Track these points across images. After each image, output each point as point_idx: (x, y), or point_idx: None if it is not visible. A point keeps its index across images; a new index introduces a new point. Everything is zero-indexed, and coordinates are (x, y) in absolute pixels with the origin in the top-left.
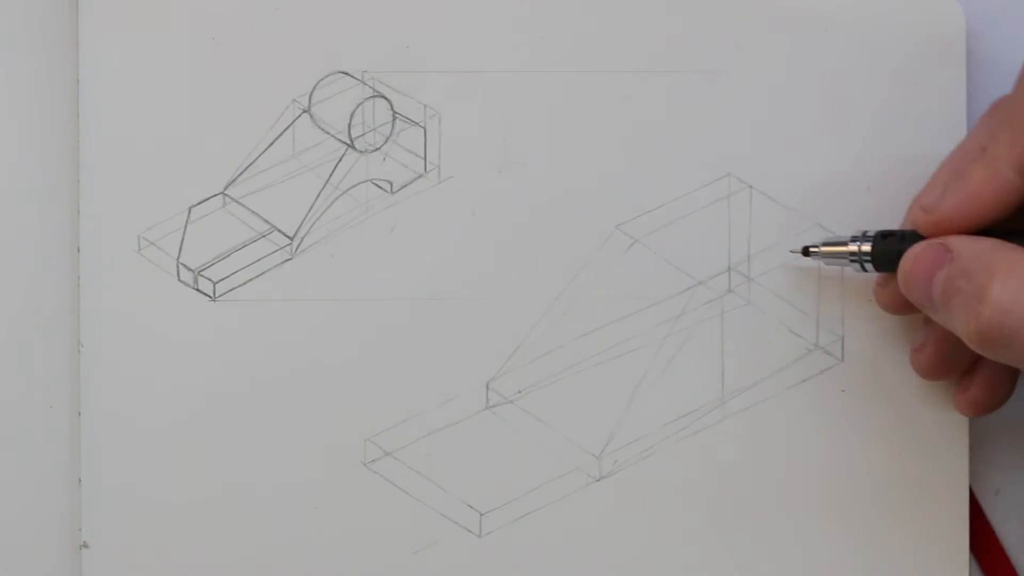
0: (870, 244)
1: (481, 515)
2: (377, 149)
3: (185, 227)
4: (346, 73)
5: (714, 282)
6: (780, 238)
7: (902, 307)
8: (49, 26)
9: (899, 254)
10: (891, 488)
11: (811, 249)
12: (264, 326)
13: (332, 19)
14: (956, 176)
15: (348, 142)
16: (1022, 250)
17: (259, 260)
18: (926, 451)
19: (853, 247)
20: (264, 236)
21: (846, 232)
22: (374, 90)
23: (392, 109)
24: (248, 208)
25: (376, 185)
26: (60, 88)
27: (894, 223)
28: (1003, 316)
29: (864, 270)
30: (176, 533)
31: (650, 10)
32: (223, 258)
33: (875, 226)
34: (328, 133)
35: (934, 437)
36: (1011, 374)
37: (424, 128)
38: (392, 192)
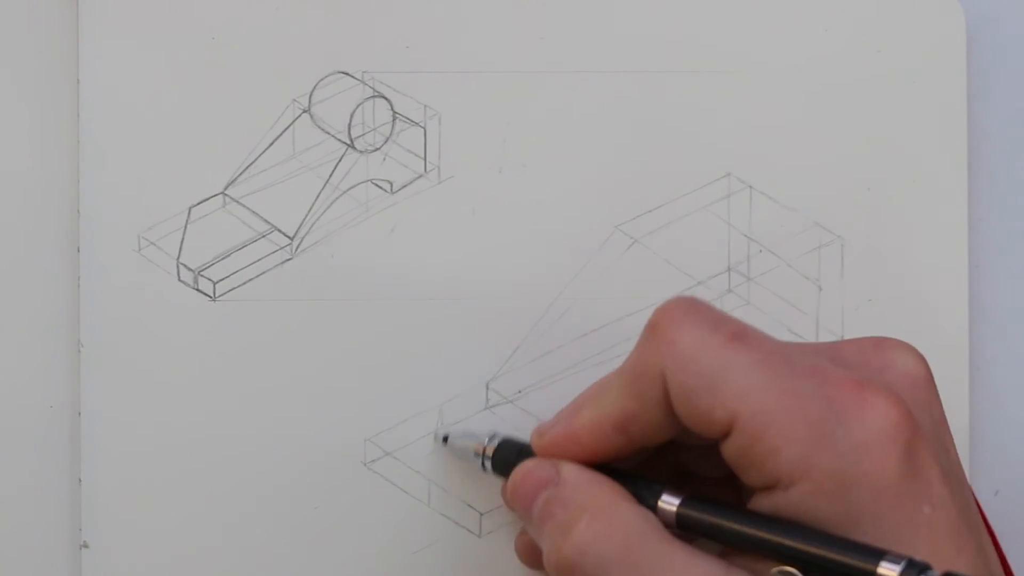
0: (494, 446)
1: (481, 515)
2: (377, 149)
3: (185, 227)
4: (346, 73)
5: (714, 282)
6: (780, 238)
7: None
8: (49, 26)
9: (512, 464)
10: None
11: (446, 438)
12: (264, 326)
13: (332, 19)
14: (574, 410)
15: (348, 142)
16: (622, 493)
17: (259, 260)
18: None
19: (478, 446)
20: (264, 236)
21: None
22: (374, 90)
23: (392, 109)
24: (248, 208)
25: (376, 185)
26: (60, 88)
27: (894, 223)
28: (579, 556)
29: (484, 469)
30: (176, 533)
31: (650, 10)
32: (223, 258)
33: (875, 225)
34: (328, 133)
35: None
36: None
37: (424, 128)
38: (392, 192)
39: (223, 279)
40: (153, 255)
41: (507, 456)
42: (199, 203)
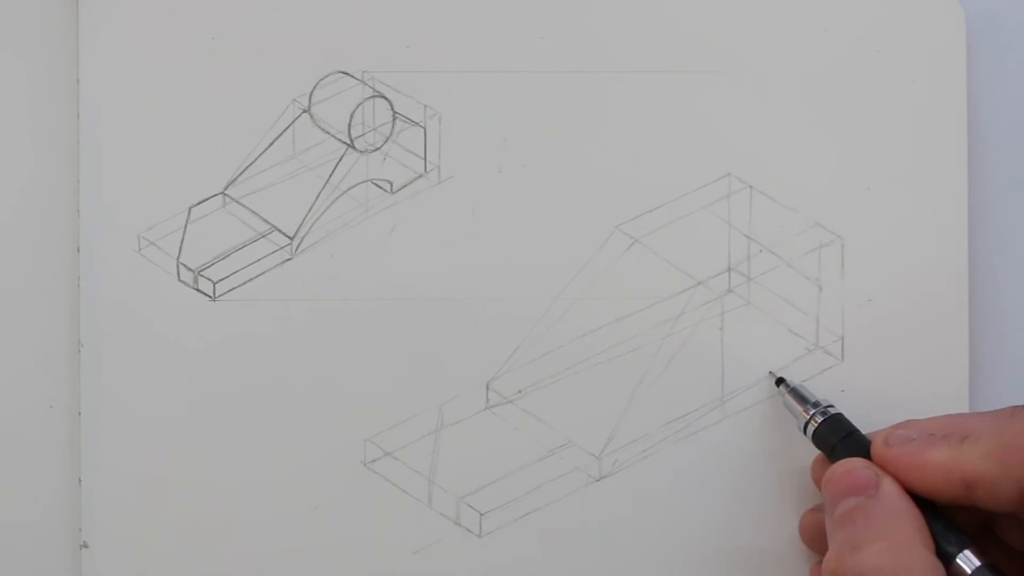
0: (821, 419)
1: (481, 515)
2: (377, 149)
3: (185, 227)
4: (346, 73)
5: (714, 282)
6: (780, 238)
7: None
8: (49, 26)
9: (835, 449)
10: None
11: (781, 385)
12: (264, 326)
13: (332, 19)
14: (930, 440)
15: (348, 142)
16: (925, 537)
17: (259, 260)
18: None
19: (807, 413)
20: (264, 236)
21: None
22: (374, 90)
23: (392, 109)
24: (248, 208)
25: (376, 185)
26: (60, 88)
27: (894, 223)
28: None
29: (804, 433)
30: (176, 533)
31: (650, 11)
32: (223, 258)
33: (875, 225)
34: (328, 133)
35: None
36: None
37: (424, 128)
38: (392, 192)
39: (223, 279)
40: (153, 255)
41: (830, 435)
42: (199, 203)
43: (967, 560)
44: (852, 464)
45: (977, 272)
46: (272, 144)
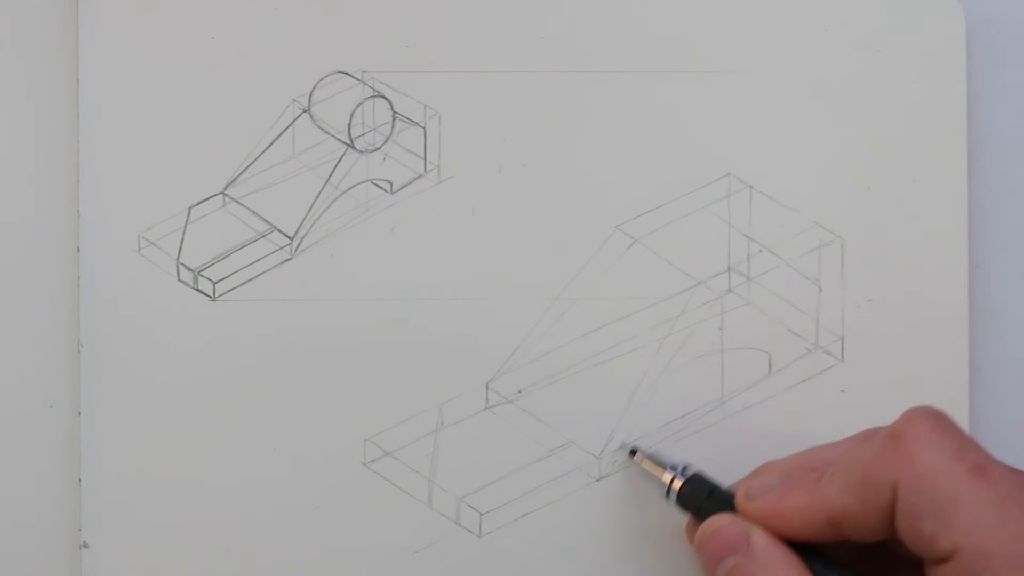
0: (681, 482)
1: (481, 515)
2: (377, 149)
3: (185, 227)
4: (346, 73)
5: (714, 282)
6: (780, 238)
7: None
8: (49, 26)
9: (701, 509)
10: None
11: (634, 452)
12: (264, 326)
13: (332, 19)
14: (788, 484)
15: (348, 142)
16: None
17: (259, 260)
18: None
19: (667, 476)
20: (264, 236)
21: None
22: (374, 90)
23: (392, 109)
24: (248, 208)
25: (376, 185)
26: (60, 88)
27: (893, 223)
28: None
29: (667, 498)
30: (176, 533)
31: (650, 10)
32: (223, 258)
33: (875, 225)
34: (328, 133)
35: None
36: None
37: (424, 128)
38: (392, 192)
39: (223, 279)
40: (153, 255)
41: (693, 496)
42: (199, 203)
43: None
44: (719, 522)
45: (977, 272)
46: (272, 144)
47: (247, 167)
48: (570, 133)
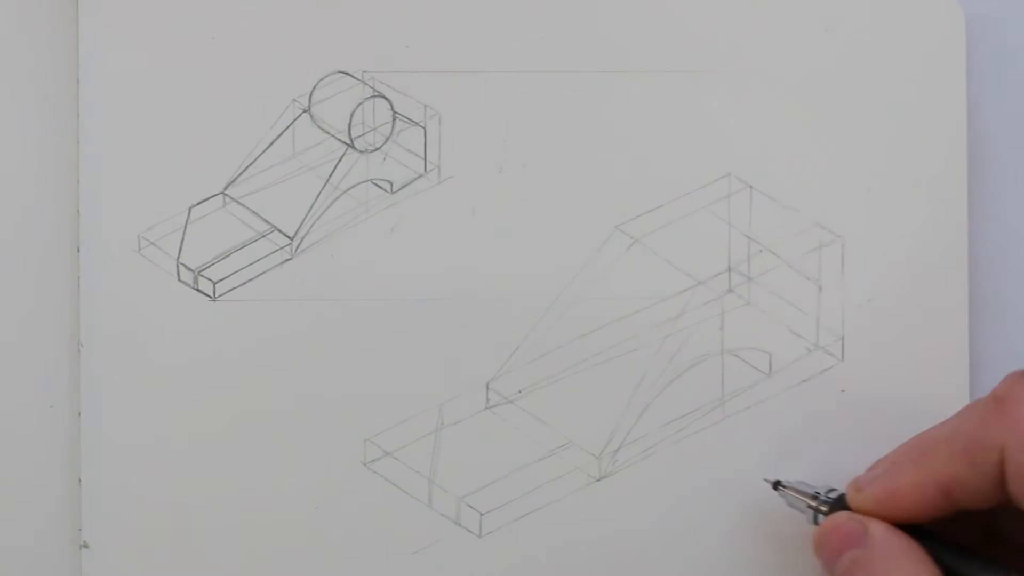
0: (827, 507)
1: (481, 515)
2: (377, 149)
3: (185, 227)
4: (346, 73)
5: (714, 282)
6: (780, 238)
7: None
8: (49, 26)
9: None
10: None
11: (781, 486)
12: (264, 326)
13: (332, 19)
14: (893, 467)
15: (348, 142)
16: (927, 564)
17: (259, 260)
18: None
19: (813, 503)
20: (264, 236)
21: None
22: (374, 90)
23: (392, 109)
24: (248, 208)
25: (376, 185)
26: (60, 88)
27: (894, 223)
28: None
29: (816, 524)
30: (176, 533)
31: (650, 10)
32: (223, 258)
33: (875, 225)
34: (328, 133)
35: None
36: None
37: (424, 128)
38: (392, 192)
39: (223, 279)
40: (153, 255)
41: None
42: (199, 203)
43: None
44: (835, 520)
45: (977, 272)
46: (272, 144)
47: (247, 167)
48: (570, 133)
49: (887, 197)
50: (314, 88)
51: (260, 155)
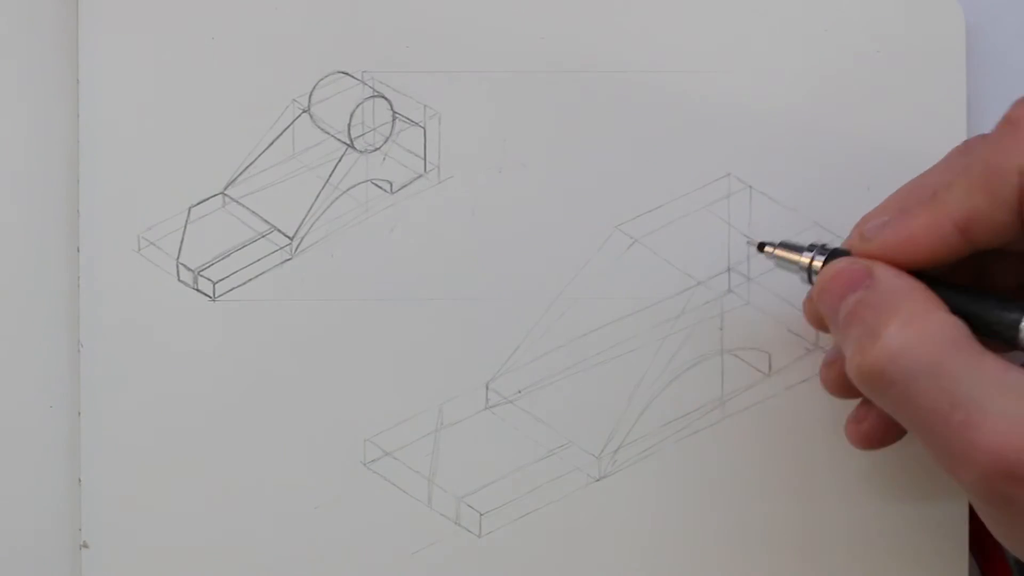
0: (823, 259)
1: (481, 515)
2: (377, 149)
3: (185, 227)
4: (346, 73)
5: (714, 282)
6: (780, 238)
7: (848, 391)
8: (49, 26)
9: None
10: (890, 488)
11: (766, 247)
12: (264, 326)
13: (332, 19)
14: (902, 213)
15: (348, 142)
16: (935, 301)
17: (259, 260)
18: (925, 450)
19: (806, 258)
20: (264, 236)
21: (840, 229)
22: (374, 90)
23: (392, 109)
24: (248, 208)
25: (376, 185)
26: (60, 88)
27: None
28: (887, 362)
29: (810, 283)
30: (176, 533)
31: (650, 10)
32: (223, 258)
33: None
34: (328, 133)
35: None
36: None
37: (424, 128)
38: (392, 192)
39: (223, 279)
40: (153, 255)
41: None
42: (199, 203)
43: None
44: (837, 265)
45: None
46: (272, 144)
47: (247, 167)
48: (570, 133)
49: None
50: (314, 88)
51: (260, 155)
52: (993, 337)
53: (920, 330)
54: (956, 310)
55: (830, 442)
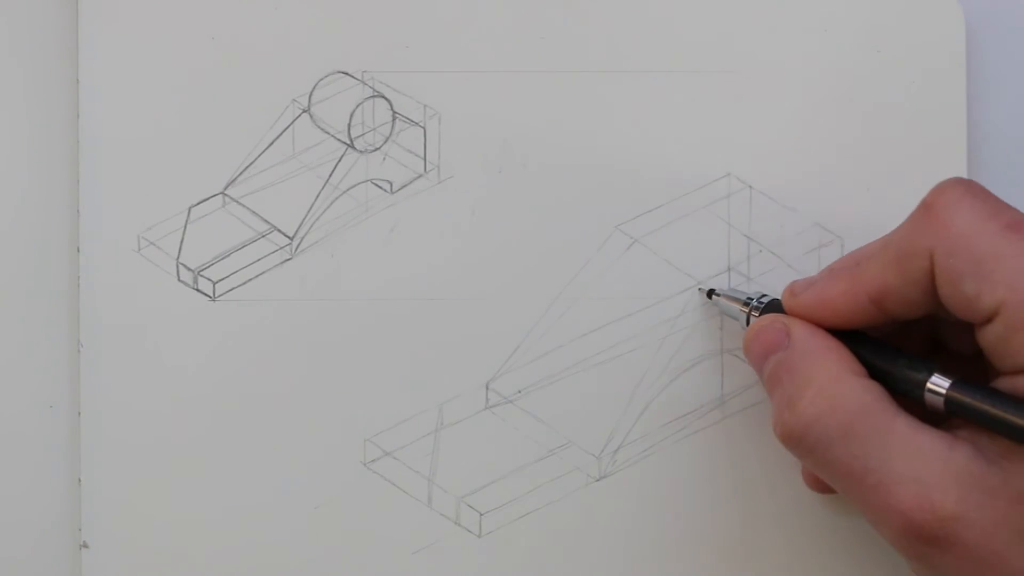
0: (759, 311)
1: (481, 515)
2: (377, 149)
3: (185, 227)
4: (346, 73)
5: (714, 282)
6: (780, 238)
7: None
8: (49, 26)
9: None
10: None
11: (714, 294)
12: (264, 326)
13: (332, 19)
14: (829, 276)
15: (348, 142)
16: (849, 363)
17: (259, 260)
18: None
19: (745, 308)
20: (264, 236)
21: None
22: (374, 90)
23: (392, 109)
24: (248, 208)
25: (376, 185)
26: (60, 88)
27: (894, 223)
28: (803, 430)
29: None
30: (176, 533)
31: (650, 10)
32: (223, 258)
33: (875, 225)
34: (328, 133)
35: None
36: None
37: (424, 128)
38: (392, 192)
39: (223, 279)
40: (153, 255)
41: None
42: (199, 203)
43: (937, 384)
44: (760, 323)
45: None
46: (272, 144)
47: (247, 167)
48: (570, 133)
49: (887, 197)
50: (314, 88)
51: (260, 155)
52: (904, 395)
53: (831, 398)
54: (871, 368)
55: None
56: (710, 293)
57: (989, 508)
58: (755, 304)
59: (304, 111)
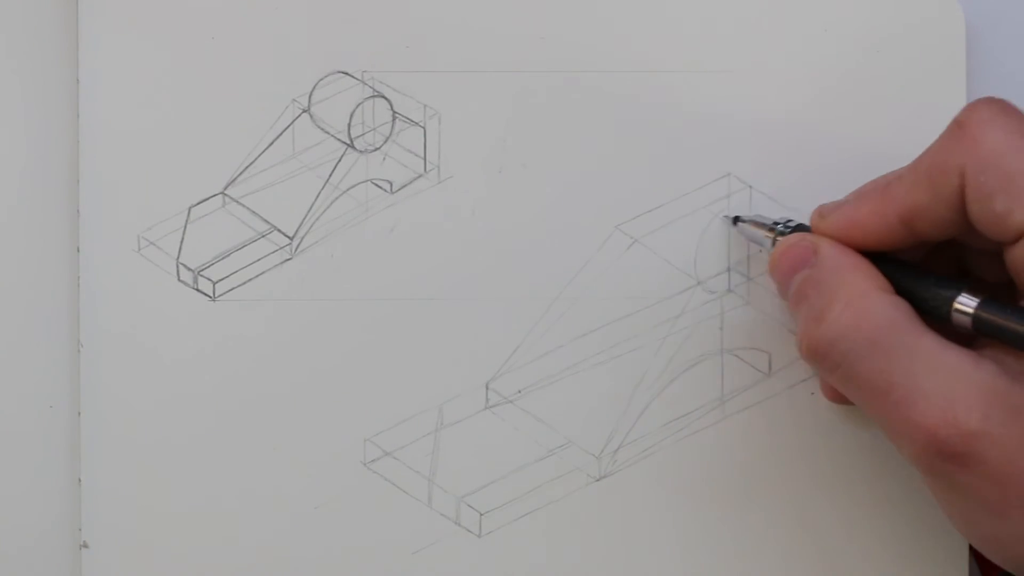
0: (788, 232)
1: (481, 515)
2: (377, 149)
3: (185, 227)
4: (346, 73)
5: (714, 282)
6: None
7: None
8: (49, 26)
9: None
10: (890, 487)
11: (739, 220)
12: (264, 326)
13: (332, 19)
14: (858, 197)
15: (348, 142)
16: (877, 280)
17: (259, 260)
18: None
19: (770, 234)
20: (264, 236)
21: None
22: (374, 90)
23: (392, 109)
24: (248, 208)
25: (376, 185)
26: (60, 88)
27: None
28: (829, 345)
29: None
30: (176, 533)
31: (650, 10)
32: (223, 258)
33: None
34: (328, 133)
35: None
36: None
37: (424, 128)
38: (392, 192)
39: (223, 279)
40: (153, 255)
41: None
42: (199, 203)
43: (964, 304)
44: (787, 241)
45: None
46: (272, 144)
47: (247, 167)
48: (570, 133)
49: None
50: (314, 88)
51: (260, 155)
52: (930, 314)
53: (859, 312)
54: (898, 287)
55: (830, 442)
56: (735, 220)
57: (1013, 425)
58: (781, 229)
59: (304, 111)
